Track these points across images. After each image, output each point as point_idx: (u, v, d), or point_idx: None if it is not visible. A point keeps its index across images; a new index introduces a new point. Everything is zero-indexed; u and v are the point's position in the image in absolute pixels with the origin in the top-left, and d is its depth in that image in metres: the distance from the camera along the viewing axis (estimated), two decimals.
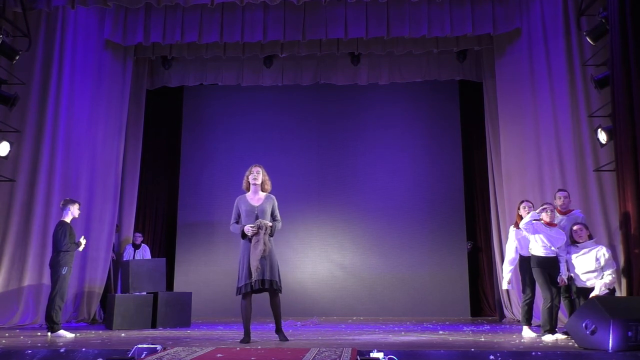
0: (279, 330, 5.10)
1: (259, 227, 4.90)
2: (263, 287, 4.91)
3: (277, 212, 5.16)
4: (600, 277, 5.15)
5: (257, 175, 5.12)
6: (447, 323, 7.76)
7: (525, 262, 5.52)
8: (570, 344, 4.65)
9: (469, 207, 9.80)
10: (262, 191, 5.17)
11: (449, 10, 7.77)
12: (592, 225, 6.06)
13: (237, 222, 5.15)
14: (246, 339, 4.91)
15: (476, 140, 9.68)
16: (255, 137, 10.20)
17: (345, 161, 10.09)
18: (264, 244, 4.87)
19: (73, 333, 5.82)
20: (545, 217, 5.26)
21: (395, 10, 7.84)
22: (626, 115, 5.69)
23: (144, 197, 9.72)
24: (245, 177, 5.20)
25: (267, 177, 5.21)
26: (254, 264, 4.83)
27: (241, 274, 4.95)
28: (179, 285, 9.66)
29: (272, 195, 5.19)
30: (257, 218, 5.00)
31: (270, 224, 4.99)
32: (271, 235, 5.00)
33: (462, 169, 9.92)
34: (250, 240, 4.94)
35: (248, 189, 5.20)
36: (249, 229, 4.92)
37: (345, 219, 9.87)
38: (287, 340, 5.01)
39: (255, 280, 4.85)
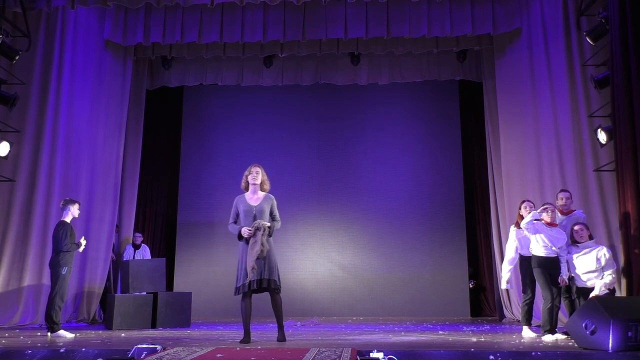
0: (280, 329, 5.09)
1: (257, 228, 4.89)
2: (261, 286, 4.90)
3: (276, 212, 5.15)
4: (600, 277, 5.15)
5: (256, 175, 5.12)
6: (447, 323, 7.76)
7: (525, 262, 5.52)
8: (570, 344, 4.65)
9: (469, 207, 9.80)
10: (261, 191, 5.16)
11: (449, 10, 7.77)
12: (592, 226, 6.06)
13: (235, 222, 5.14)
14: (246, 339, 4.91)
15: (476, 140, 9.68)
16: (255, 137, 10.20)
17: (346, 161, 10.09)
18: (262, 244, 4.86)
19: (73, 333, 5.82)
20: (546, 217, 5.26)
21: (395, 10, 7.84)
22: (626, 115, 5.69)
23: (144, 197, 9.72)
24: (244, 177, 5.19)
25: (266, 177, 5.20)
26: (250, 264, 4.82)
27: (239, 274, 4.96)
28: (179, 285, 9.65)
29: (271, 195, 5.18)
30: (255, 218, 4.99)
31: (268, 224, 4.97)
32: (270, 235, 4.99)
33: (462, 169, 9.93)
34: (248, 241, 4.94)
35: (247, 189, 5.19)
36: (245, 231, 4.92)
37: (346, 219, 9.87)
38: (285, 340, 5.01)
39: (253, 280, 4.83)
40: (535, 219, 5.26)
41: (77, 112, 7.82)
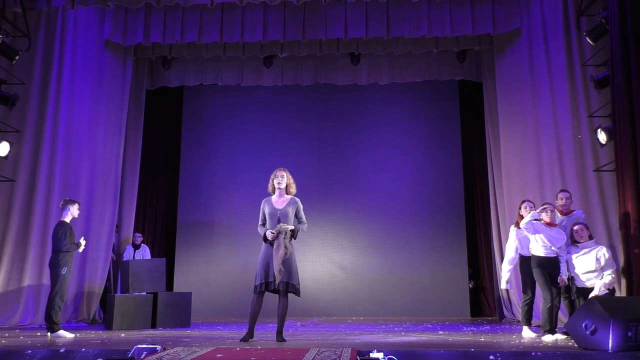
0: (279, 333, 5.11)
1: (279, 232, 5.00)
2: (279, 287, 4.99)
3: (301, 214, 5.25)
4: (600, 277, 5.15)
5: (281, 179, 5.23)
6: (447, 323, 7.76)
7: (525, 262, 5.51)
8: (570, 344, 4.65)
9: (469, 207, 9.80)
10: (287, 194, 5.26)
11: (449, 10, 7.77)
12: (592, 225, 6.06)
13: (263, 224, 5.23)
14: (246, 337, 4.97)
15: (476, 140, 9.68)
16: (255, 137, 10.21)
17: (346, 161, 10.10)
18: (285, 247, 4.96)
19: (73, 333, 5.82)
20: (546, 217, 5.26)
21: (395, 10, 7.83)
22: (626, 115, 5.69)
23: (144, 197, 9.72)
24: (270, 181, 5.31)
25: (291, 181, 5.30)
26: (277, 267, 4.93)
27: (258, 273, 5.08)
28: (179, 285, 9.65)
29: (296, 199, 5.27)
30: (279, 221, 5.11)
31: (290, 227, 5.07)
32: (294, 237, 5.10)
33: (462, 169, 9.93)
34: (272, 244, 5.04)
35: (274, 192, 5.30)
36: (269, 234, 5.04)
37: (346, 219, 9.87)
38: (284, 341, 5.02)
39: (280, 282, 4.95)
40: (535, 219, 5.26)
41: (77, 112, 7.82)
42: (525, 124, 7.73)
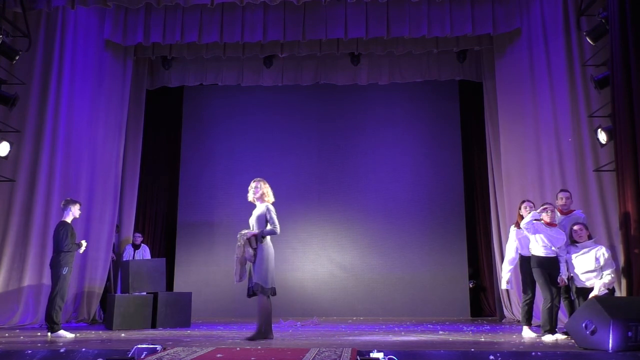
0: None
1: (240, 237, 5.33)
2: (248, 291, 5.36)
3: (270, 218, 5.42)
4: (599, 277, 5.16)
5: (255, 189, 5.54)
6: (447, 323, 7.76)
7: (526, 262, 5.51)
8: (570, 344, 4.65)
9: (469, 207, 9.79)
10: (263, 202, 5.52)
11: (449, 10, 7.77)
12: (592, 225, 6.06)
13: None
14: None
15: (476, 140, 9.68)
16: (255, 137, 10.20)
17: (346, 161, 10.09)
18: (242, 251, 5.25)
19: (73, 333, 5.81)
20: (546, 217, 5.26)
21: (395, 10, 7.84)
22: (626, 115, 5.69)
23: (144, 197, 9.72)
24: (249, 192, 5.59)
25: (265, 190, 5.55)
26: (235, 269, 5.27)
27: None
28: (179, 285, 9.66)
29: (266, 204, 5.50)
30: (252, 227, 5.43)
31: (251, 233, 5.31)
32: (258, 241, 5.32)
33: (462, 169, 9.92)
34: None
35: (254, 201, 5.60)
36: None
37: (346, 219, 9.87)
38: (253, 340, 5.11)
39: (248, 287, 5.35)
40: (535, 219, 5.26)
41: (77, 112, 7.82)
42: (525, 124, 7.73)
